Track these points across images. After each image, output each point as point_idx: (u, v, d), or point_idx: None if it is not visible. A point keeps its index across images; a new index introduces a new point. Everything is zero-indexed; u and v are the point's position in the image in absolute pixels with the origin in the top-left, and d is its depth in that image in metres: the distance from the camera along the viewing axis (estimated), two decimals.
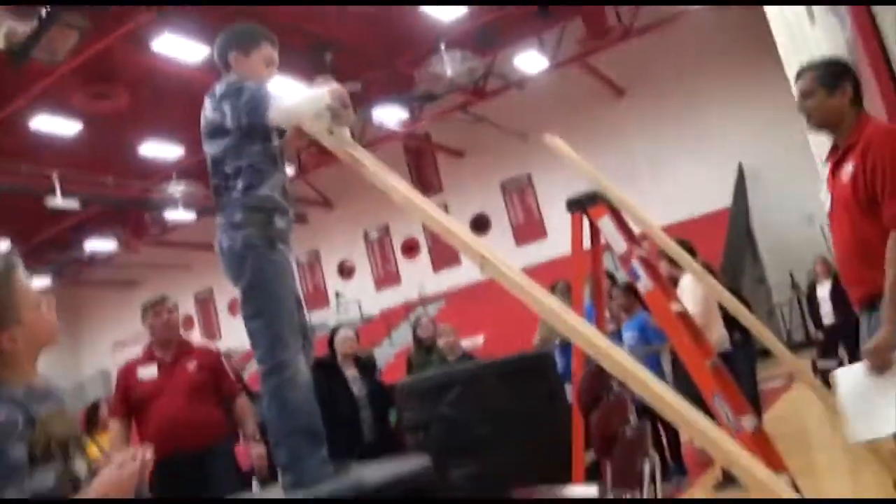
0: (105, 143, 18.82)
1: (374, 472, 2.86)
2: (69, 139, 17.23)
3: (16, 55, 11.04)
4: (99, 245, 23.92)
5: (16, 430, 1.75)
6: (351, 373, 5.58)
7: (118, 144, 18.81)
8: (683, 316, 4.04)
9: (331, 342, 5.85)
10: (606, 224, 4.02)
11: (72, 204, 18.49)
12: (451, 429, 3.99)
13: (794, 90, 3.09)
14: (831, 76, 2.98)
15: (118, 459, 1.88)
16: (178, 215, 21.70)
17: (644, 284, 3.94)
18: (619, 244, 3.95)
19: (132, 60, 14.61)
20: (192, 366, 4.56)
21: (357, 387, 5.47)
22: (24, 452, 1.74)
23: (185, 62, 14.29)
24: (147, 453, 1.91)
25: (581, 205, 4.07)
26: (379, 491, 2.60)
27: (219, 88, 2.96)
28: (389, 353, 19.19)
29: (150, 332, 4.64)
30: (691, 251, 5.14)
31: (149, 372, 4.50)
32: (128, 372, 4.54)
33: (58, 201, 17.75)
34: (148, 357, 4.58)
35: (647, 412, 2.99)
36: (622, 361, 2.22)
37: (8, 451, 1.72)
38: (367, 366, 5.89)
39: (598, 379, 2.41)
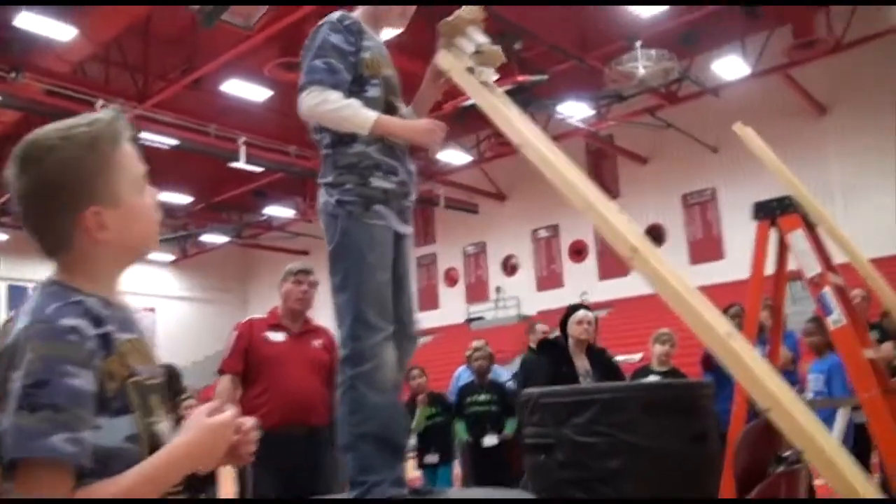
0: (291, 113, 19.27)
1: None
2: (257, 105, 17.78)
3: (206, 17, 11.25)
4: (277, 211, 24.79)
5: (84, 349, 1.23)
6: (581, 363, 4.88)
7: None
8: (877, 366, 3.27)
9: (564, 323, 5.05)
10: (798, 239, 3.30)
11: (254, 168, 19.09)
12: (576, 457, 3.41)
13: None
14: None
15: (210, 406, 1.36)
16: None
17: (835, 319, 3.19)
18: (812, 265, 3.22)
19: None
20: (318, 343, 4.37)
21: (586, 381, 4.77)
22: (91, 383, 1.22)
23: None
24: (250, 423, 1.42)
25: (770, 211, 3.36)
26: None
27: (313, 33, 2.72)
28: None
29: (284, 298, 4.43)
30: None
31: (277, 336, 4.28)
32: (253, 329, 4.29)
33: (241, 164, 18.32)
34: (275, 322, 4.36)
35: None
36: (801, 419, 1.59)
37: (69, 376, 1.18)
38: (601, 358, 5.07)
39: (764, 439, 1.78)
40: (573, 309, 5.10)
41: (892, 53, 16.30)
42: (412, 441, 7.65)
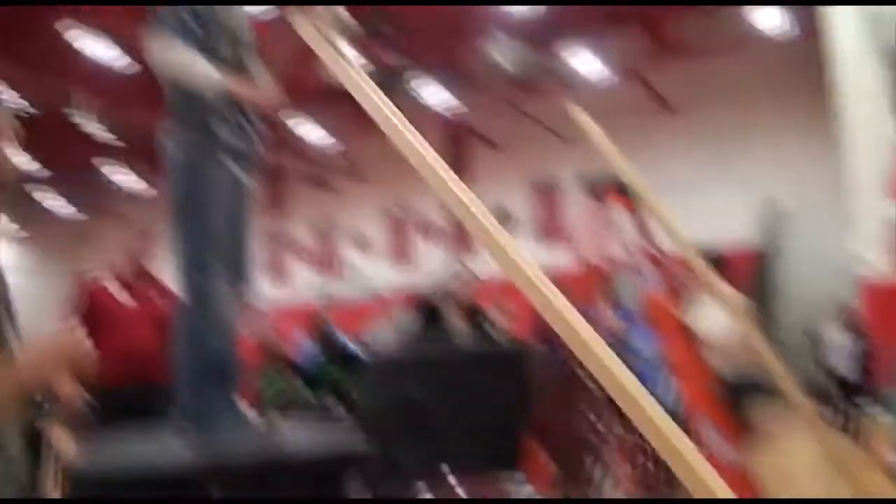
0: (144, 76, 18.46)
1: (297, 434, 2.45)
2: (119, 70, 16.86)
3: None
4: (125, 180, 23.80)
5: None
6: (459, 324, 4.77)
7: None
8: (686, 329, 3.61)
9: (446, 284, 4.98)
10: (622, 215, 3.60)
11: (104, 134, 18.34)
12: (408, 408, 3.57)
13: None
14: None
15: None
16: None
17: (646, 283, 3.51)
18: (629, 234, 3.52)
19: None
20: (158, 297, 4.39)
21: (463, 342, 4.63)
22: None
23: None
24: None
25: (599, 190, 3.64)
26: (289, 455, 2.20)
27: None
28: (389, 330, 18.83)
29: (124, 254, 4.41)
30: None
31: (120, 293, 4.31)
32: (95, 286, 4.31)
33: (90, 127, 17.55)
34: (118, 279, 4.37)
35: None
36: (623, 379, 1.80)
37: None
38: (479, 320, 4.92)
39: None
40: (454, 269, 5.13)
41: (741, 60, 17.39)
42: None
